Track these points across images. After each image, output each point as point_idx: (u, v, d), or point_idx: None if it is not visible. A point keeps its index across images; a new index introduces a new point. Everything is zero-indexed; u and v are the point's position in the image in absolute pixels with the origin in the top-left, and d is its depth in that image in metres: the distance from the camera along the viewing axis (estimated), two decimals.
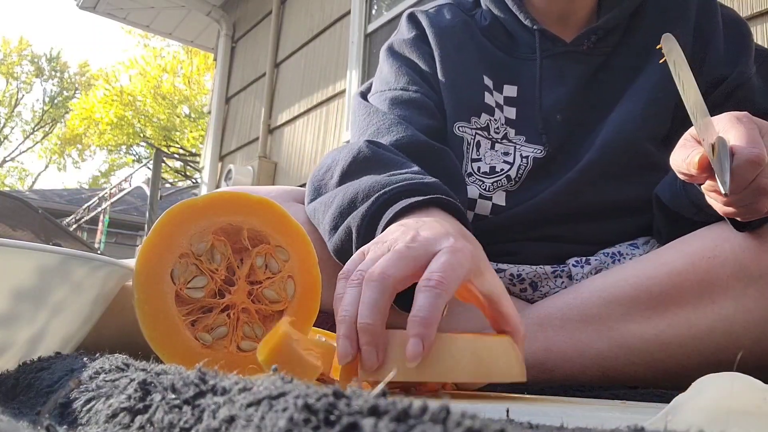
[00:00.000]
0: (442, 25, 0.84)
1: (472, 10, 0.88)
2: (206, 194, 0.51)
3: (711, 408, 0.26)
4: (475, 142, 0.79)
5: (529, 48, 0.82)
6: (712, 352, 0.59)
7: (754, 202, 0.54)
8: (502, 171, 0.78)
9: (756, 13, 1.31)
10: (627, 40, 0.80)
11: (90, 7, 4.52)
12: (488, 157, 0.79)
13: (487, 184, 0.77)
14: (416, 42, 0.84)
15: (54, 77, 17.70)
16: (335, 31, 3.22)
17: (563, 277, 0.75)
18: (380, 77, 0.86)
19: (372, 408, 0.17)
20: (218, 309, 0.49)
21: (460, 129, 0.79)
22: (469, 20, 0.86)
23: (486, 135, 0.79)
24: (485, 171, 0.78)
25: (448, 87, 0.80)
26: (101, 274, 0.47)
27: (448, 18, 0.85)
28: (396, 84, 0.82)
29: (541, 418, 0.30)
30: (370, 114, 0.79)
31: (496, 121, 0.80)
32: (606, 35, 0.80)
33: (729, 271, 0.59)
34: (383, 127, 0.75)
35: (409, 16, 0.88)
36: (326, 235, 0.64)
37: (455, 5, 0.88)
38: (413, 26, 0.86)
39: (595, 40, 0.80)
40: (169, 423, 0.22)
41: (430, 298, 0.41)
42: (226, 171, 3.76)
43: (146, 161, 8.78)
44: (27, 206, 2.62)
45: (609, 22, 0.79)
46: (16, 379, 0.38)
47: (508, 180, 0.77)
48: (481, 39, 0.84)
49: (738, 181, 0.51)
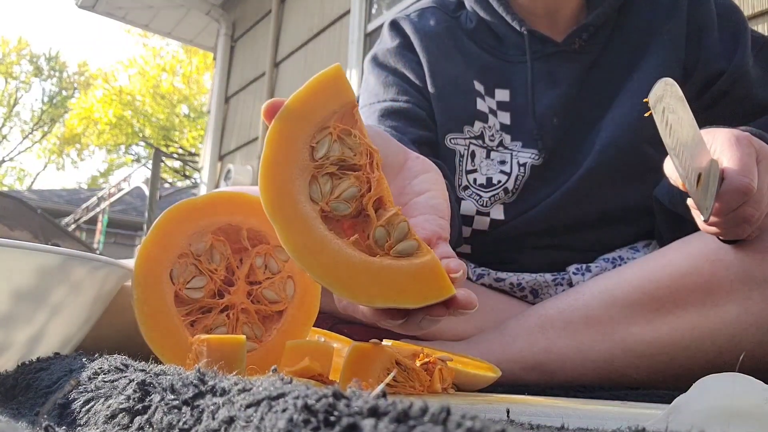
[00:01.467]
0: (427, 30, 0.82)
1: (456, 12, 0.85)
2: (205, 194, 0.51)
3: (712, 408, 0.26)
4: (470, 153, 0.77)
5: (519, 50, 0.80)
6: (714, 355, 0.59)
7: (735, 227, 0.54)
8: (500, 183, 0.76)
9: (756, 13, 1.31)
10: (618, 36, 0.79)
11: (89, 6, 4.51)
12: (484, 167, 0.77)
13: (485, 198, 0.75)
14: (401, 51, 0.82)
15: (53, 77, 17.68)
16: (335, 30, 3.21)
17: (564, 284, 0.74)
18: (367, 89, 0.83)
19: (372, 409, 0.17)
20: (217, 309, 0.49)
21: (452, 141, 0.77)
22: (454, 23, 0.83)
23: (481, 144, 0.77)
24: (482, 183, 0.76)
25: (438, 96, 0.78)
26: (100, 274, 0.47)
27: (432, 23, 0.83)
28: (385, 95, 0.80)
29: (542, 419, 0.30)
30: None
31: (491, 128, 0.78)
32: (596, 32, 0.78)
33: (733, 275, 0.59)
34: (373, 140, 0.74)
35: (391, 24, 0.85)
36: None
37: (438, 8, 0.85)
38: (397, 34, 0.83)
39: (586, 37, 0.78)
40: (168, 424, 0.22)
41: None
42: (225, 171, 3.76)
43: (145, 161, 8.79)
44: (25, 206, 2.61)
45: (599, 17, 0.78)
46: (15, 380, 0.38)
47: (506, 192, 0.76)
48: (467, 43, 0.82)
49: (723, 207, 0.52)
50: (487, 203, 0.76)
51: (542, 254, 0.76)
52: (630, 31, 0.79)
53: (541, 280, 0.74)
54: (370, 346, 0.45)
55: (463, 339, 0.71)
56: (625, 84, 0.77)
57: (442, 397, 0.46)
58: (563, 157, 0.77)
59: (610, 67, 0.78)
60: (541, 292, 0.75)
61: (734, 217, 0.53)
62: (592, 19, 0.78)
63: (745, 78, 0.74)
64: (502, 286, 0.76)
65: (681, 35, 0.76)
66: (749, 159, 0.52)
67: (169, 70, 14.50)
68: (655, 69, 0.75)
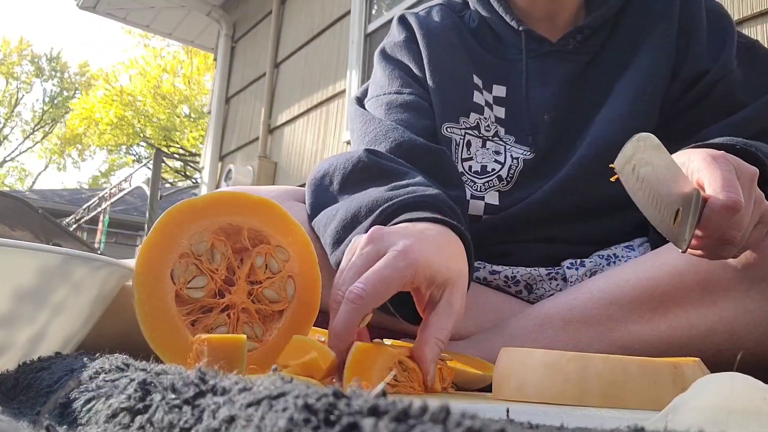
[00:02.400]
0: (432, 26, 0.85)
1: (461, 11, 0.89)
2: (206, 194, 0.51)
3: (711, 408, 0.26)
4: (465, 142, 0.79)
5: (516, 49, 0.82)
6: (713, 353, 0.59)
7: (719, 250, 0.53)
8: (494, 171, 0.78)
9: (756, 13, 1.31)
10: (613, 37, 0.81)
11: (90, 7, 4.52)
12: (479, 155, 0.79)
13: (479, 184, 0.77)
14: (407, 44, 0.85)
15: (54, 77, 17.70)
16: (335, 31, 3.22)
17: (558, 279, 0.75)
18: (375, 81, 0.87)
19: (372, 408, 0.17)
20: (218, 309, 0.49)
21: (448, 130, 0.79)
22: (459, 21, 0.87)
23: (477, 134, 0.79)
24: (476, 170, 0.78)
25: (435, 88, 0.81)
26: (101, 274, 0.47)
27: (438, 19, 0.86)
28: (390, 88, 0.83)
29: (541, 418, 0.30)
30: (367, 122, 0.79)
31: (486, 119, 0.80)
32: (592, 34, 0.80)
33: (731, 273, 0.59)
34: (380, 133, 0.76)
35: (399, 19, 0.89)
36: (329, 248, 0.64)
37: (446, 6, 0.88)
38: (403, 28, 0.87)
39: (581, 39, 0.80)
40: (169, 423, 0.22)
41: (346, 312, 0.44)
42: (226, 171, 3.76)
43: (146, 161, 8.79)
44: (27, 206, 2.62)
45: (595, 20, 0.80)
46: (16, 379, 0.38)
47: (500, 180, 0.78)
48: (470, 40, 0.85)
49: (711, 228, 0.50)
50: (481, 188, 0.77)
51: (537, 248, 0.77)
52: (625, 33, 0.80)
53: (536, 274, 0.75)
54: (372, 345, 0.45)
55: (463, 338, 0.71)
56: (617, 83, 0.78)
57: (441, 396, 0.46)
58: (555, 154, 0.78)
59: (605, 68, 0.80)
60: (535, 287, 0.75)
61: (717, 239, 0.52)
62: (587, 22, 0.80)
63: (728, 78, 0.76)
64: (497, 279, 0.76)
65: (672, 36, 0.78)
66: (729, 175, 0.51)
67: (170, 70, 14.51)
68: (646, 69, 0.77)
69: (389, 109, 0.80)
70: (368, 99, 0.86)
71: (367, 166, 0.67)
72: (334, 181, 0.69)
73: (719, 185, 0.50)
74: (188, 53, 13.94)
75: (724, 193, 0.49)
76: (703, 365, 0.43)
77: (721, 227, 0.50)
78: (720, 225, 0.50)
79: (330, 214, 0.65)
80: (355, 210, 0.61)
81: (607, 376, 0.39)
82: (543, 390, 0.40)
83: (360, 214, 0.60)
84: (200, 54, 12.83)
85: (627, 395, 0.38)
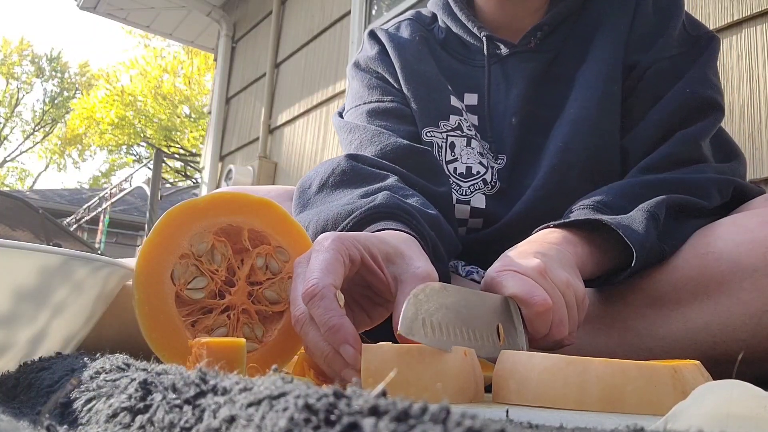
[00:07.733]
0: (401, 40, 0.86)
1: (431, 24, 0.90)
2: (207, 195, 0.51)
3: (711, 415, 0.26)
4: (448, 144, 0.79)
5: (482, 55, 0.83)
6: (709, 346, 0.59)
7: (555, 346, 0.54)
8: (479, 174, 0.78)
9: (756, 13, 1.31)
10: (574, 33, 0.81)
11: (90, 7, 4.52)
12: (465, 155, 0.79)
13: (464, 187, 0.78)
14: (380, 56, 0.86)
15: (54, 77, 17.70)
16: (335, 31, 3.22)
17: None
18: (352, 93, 0.88)
19: (372, 408, 0.17)
20: (218, 310, 0.49)
21: (429, 134, 0.80)
22: (428, 34, 0.88)
23: (459, 133, 0.80)
24: (461, 172, 0.78)
25: (412, 96, 0.82)
26: (102, 274, 0.47)
27: (407, 35, 0.87)
28: (370, 97, 0.84)
29: (541, 419, 0.30)
30: (351, 130, 0.80)
31: (467, 121, 0.81)
32: (553, 31, 0.81)
33: (724, 266, 0.59)
34: (365, 139, 0.77)
35: (369, 34, 0.90)
36: None
37: (415, 20, 0.90)
38: (375, 42, 0.88)
39: (541, 36, 0.80)
40: (170, 423, 0.22)
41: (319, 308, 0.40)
42: (226, 171, 3.76)
43: (147, 161, 8.79)
44: (27, 206, 2.62)
45: (554, 17, 0.80)
46: (16, 379, 0.38)
47: (485, 183, 0.78)
48: (439, 52, 0.86)
49: (537, 330, 0.51)
50: (466, 192, 0.78)
51: None
52: (583, 27, 0.81)
53: None
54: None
55: None
56: (576, 79, 0.78)
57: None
58: (526, 157, 0.78)
59: (565, 64, 0.80)
60: None
61: (547, 343, 0.53)
62: (546, 19, 0.80)
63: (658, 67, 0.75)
64: None
65: (625, 28, 0.77)
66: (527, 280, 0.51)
67: (171, 70, 14.51)
68: (600, 62, 0.76)
69: (372, 117, 0.81)
70: (347, 110, 0.87)
71: (344, 171, 0.68)
72: (314, 186, 0.70)
73: (521, 294, 0.50)
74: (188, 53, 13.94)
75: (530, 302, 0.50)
76: (703, 368, 0.43)
77: (545, 328, 0.51)
78: (542, 329, 0.51)
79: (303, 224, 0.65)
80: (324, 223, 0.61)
81: (607, 379, 0.39)
82: (542, 393, 0.40)
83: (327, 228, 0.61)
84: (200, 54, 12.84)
85: (627, 398, 0.38)
